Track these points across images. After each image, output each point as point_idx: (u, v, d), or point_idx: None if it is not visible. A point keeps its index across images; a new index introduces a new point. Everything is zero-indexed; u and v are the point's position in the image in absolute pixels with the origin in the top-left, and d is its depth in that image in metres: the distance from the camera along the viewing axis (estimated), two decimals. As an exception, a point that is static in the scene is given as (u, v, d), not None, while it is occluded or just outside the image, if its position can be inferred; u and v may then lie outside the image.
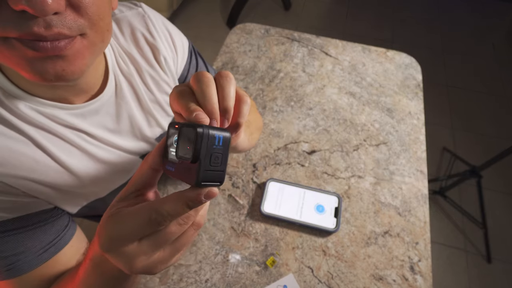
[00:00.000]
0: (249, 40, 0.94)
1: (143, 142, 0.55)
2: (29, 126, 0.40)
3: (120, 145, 0.50)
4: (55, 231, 0.45)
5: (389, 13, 2.43)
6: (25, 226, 0.42)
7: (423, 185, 0.69)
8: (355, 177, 0.70)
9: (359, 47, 0.94)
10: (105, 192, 0.52)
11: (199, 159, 0.25)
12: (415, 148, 0.75)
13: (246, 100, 0.32)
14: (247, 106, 0.32)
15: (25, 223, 0.42)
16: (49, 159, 0.42)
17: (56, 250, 0.45)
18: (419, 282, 0.58)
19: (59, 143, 0.43)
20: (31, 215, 0.42)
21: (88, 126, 0.45)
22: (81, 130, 0.45)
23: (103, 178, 0.50)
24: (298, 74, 0.87)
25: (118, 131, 0.50)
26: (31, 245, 0.42)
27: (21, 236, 0.41)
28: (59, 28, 0.29)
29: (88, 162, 0.47)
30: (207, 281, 0.57)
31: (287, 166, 0.71)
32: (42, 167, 0.42)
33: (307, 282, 0.58)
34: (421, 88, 0.86)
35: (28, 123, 0.40)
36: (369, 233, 0.63)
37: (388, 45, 2.20)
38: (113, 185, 0.53)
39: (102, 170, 0.49)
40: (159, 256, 0.27)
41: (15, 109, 0.38)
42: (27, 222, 0.42)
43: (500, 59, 2.17)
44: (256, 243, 0.61)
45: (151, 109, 0.54)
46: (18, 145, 0.39)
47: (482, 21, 2.41)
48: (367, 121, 0.79)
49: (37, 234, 0.43)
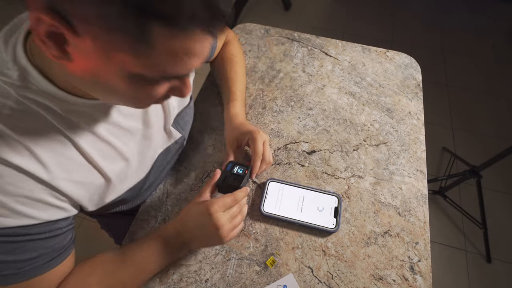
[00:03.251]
0: (249, 40, 0.94)
1: (165, 133, 0.60)
2: (71, 128, 0.42)
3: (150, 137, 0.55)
4: (65, 242, 0.46)
5: (389, 13, 2.43)
6: (46, 232, 0.42)
7: (423, 185, 0.70)
8: (355, 177, 0.70)
9: (359, 47, 0.94)
10: (123, 190, 0.54)
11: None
12: (415, 148, 0.75)
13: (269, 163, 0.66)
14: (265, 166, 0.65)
15: (47, 229, 0.42)
16: (83, 158, 0.44)
17: (61, 259, 0.45)
18: (419, 282, 0.58)
19: (96, 143, 0.45)
20: (54, 222, 0.43)
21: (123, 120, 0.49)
22: (118, 125, 0.48)
23: (127, 176, 0.53)
24: (298, 74, 0.87)
25: (148, 123, 0.54)
26: (43, 252, 0.42)
27: (40, 242, 0.42)
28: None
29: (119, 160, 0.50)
30: (207, 281, 0.57)
31: (287, 166, 0.71)
32: (80, 168, 0.44)
33: (307, 282, 0.58)
34: (421, 88, 0.86)
35: (70, 125, 0.41)
36: (369, 233, 0.63)
37: (388, 45, 2.20)
38: (131, 182, 0.55)
39: (128, 169, 0.52)
40: (232, 223, 0.52)
41: (60, 112, 0.40)
42: (50, 228, 0.42)
43: (500, 59, 2.17)
44: (256, 243, 0.61)
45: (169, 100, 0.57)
46: (62, 148, 0.41)
47: (482, 21, 2.41)
48: (367, 121, 0.79)
49: (51, 242, 0.43)
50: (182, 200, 0.66)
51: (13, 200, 0.37)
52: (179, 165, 0.71)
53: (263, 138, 0.64)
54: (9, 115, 0.37)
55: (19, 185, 0.37)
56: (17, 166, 0.37)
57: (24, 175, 0.38)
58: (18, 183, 0.37)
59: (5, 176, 0.36)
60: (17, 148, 0.37)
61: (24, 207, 0.38)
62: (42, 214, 0.40)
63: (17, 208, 0.38)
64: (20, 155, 0.37)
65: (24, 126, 0.38)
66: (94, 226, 0.84)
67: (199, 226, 0.52)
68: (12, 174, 0.37)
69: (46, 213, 0.41)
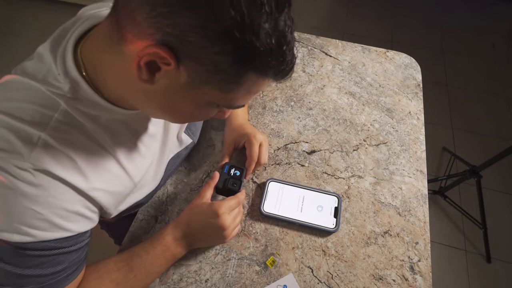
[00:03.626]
0: (249, 40, 0.94)
1: (177, 140, 0.61)
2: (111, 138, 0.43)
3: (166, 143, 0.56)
4: (83, 255, 0.46)
5: (389, 13, 2.43)
6: (73, 245, 0.42)
7: (423, 185, 0.70)
8: (355, 177, 0.70)
9: (359, 47, 0.94)
10: (143, 195, 0.56)
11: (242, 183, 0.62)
12: (415, 148, 0.75)
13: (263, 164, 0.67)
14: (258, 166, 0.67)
15: (75, 241, 0.42)
16: (118, 168, 0.45)
17: (78, 273, 0.45)
18: (418, 282, 0.58)
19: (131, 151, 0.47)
20: (82, 234, 0.43)
21: (152, 126, 0.50)
22: (147, 133, 0.49)
23: (148, 182, 0.55)
24: (298, 74, 0.87)
25: (167, 130, 0.55)
26: (67, 265, 0.42)
27: (66, 256, 0.42)
28: None
29: (145, 167, 0.51)
30: (207, 281, 0.57)
31: (287, 166, 0.71)
32: (113, 177, 0.45)
33: (307, 282, 0.58)
34: (421, 88, 0.86)
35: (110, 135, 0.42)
36: (369, 233, 0.63)
37: (388, 45, 2.20)
38: (150, 188, 0.57)
39: (150, 174, 0.54)
40: (234, 223, 0.56)
41: (102, 121, 0.41)
42: (77, 240, 0.43)
43: (500, 59, 2.17)
44: (256, 243, 0.61)
45: None
46: (101, 159, 0.42)
47: (482, 21, 2.41)
48: (367, 121, 0.79)
49: (75, 255, 0.43)
50: (182, 200, 0.66)
51: (52, 213, 0.37)
52: (179, 165, 0.71)
53: (259, 141, 0.65)
54: (55, 127, 0.37)
55: (60, 198, 0.38)
56: (61, 178, 0.37)
57: (66, 187, 0.38)
58: (60, 196, 0.38)
59: (49, 188, 0.37)
60: (61, 160, 0.37)
61: (61, 219, 0.38)
62: (75, 226, 0.41)
63: (55, 221, 0.38)
64: (64, 166, 0.38)
65: (68, 138, 0.38)
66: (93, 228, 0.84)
67: (207, 227, 0.54)
68: (57, 187, 0.37)
69: (78, 224, 0.41)
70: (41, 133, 0.36)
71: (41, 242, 0.38)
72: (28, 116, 0.36)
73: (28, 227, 0.36)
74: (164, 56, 0.30)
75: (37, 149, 0.36)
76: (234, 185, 0.60)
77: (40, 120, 0.37)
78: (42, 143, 0.36)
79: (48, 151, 0.36)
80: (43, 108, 0.37)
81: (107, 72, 0.38)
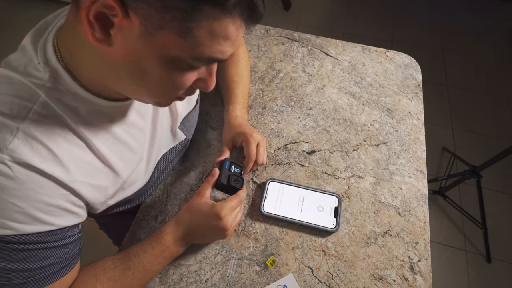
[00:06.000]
0: (249, 40, 0.94)
1: (171, 135, 0.61)
2: (91, 131, 0.42)
3: (156, 137, 0.55)
4: (74, 251, 0.46)
5: (389, 13, 2.43)
6: (59, 240, 0.42)
7: (423, 185, 0.69)
8: (355, 177, 0.70)
9: (359, 47, 0.94)
10: (133, 191, 0.55)
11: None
12: (415, 148, 0.75)
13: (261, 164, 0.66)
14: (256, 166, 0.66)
15: (61, 236, 0.42)
16: (100, 162, 0.44)
17: (69, 269, 0.45)
18: (419, 282, 0.58)
19: (115, 145, 0.46)
20: (67, 229, 0.43)
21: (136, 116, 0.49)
22: (134, 125, 0.49)
23: (137, 177, 0.54)
24: (298, 74, 0.87)
25: (155, 123, 0.54)
26: (54, 261, 0.42)
27: (52, 251, 0.41)
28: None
29: (134, 161, 0.51)
30: (207, 281, 0.57)
31: (287, 166, 0.71)
32: (95, 171, 0.44)
33: (307, 282, 0.58)
34: (421, 88, 0.86)
35: (91, 128, 0.42)
36: (369, 233, 0.63)
37: (388, 45, 2.20)
38: (140, 184, 0.56)
39: (140, 169, 0.53)
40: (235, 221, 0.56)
41: (83, 114, 0.41)
42: (63, 235, 0.42)
43: (500, 59, 2.17)
44: (256, 243, 0.61)
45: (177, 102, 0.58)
46: (81, 152, 0.42)
47: (482, 21, 2.41)
48: (367, 121, 0.79)
49: (63, 251, 0.43)
50: (182, 200, 0.66)
51: (32, 206, 0.37)
52: (179, 165, 0.71)
53: (256, 140, 0.64)
54: (34, 119, 0.37)
55: (39, 191, 0.37)
56: (40, 170, 0.37)
57: (45, 179, 0.38)
58: (39, 189, 0.37)
59: (27, 181, 0.36)
60: (40, 151, 0.37)
61: (41, 213, 0.38)
62: (58, 220, 0.40)
63: (35, 214, 0.38)
64: (43, 158, 0.37)
65: (47, 130, 0.38)
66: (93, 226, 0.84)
67: (208, 229, 0.54)
68: (33, 179, 0.37)
69: (62, 219, 0.41)
70: (19, 125, 0.36)
71: (23, 236, 0.38)
72: (7, 109, 0.36)
73: (8, 220, 0.36)
74: (110, 3, 0.29)
75: (14, 141, 0.36)
76: (236, 182, 0.59)
77: (18, 112, 0.37)
78: (20, 135, 0.36)
79: (26, 143, 0.36)
80: (22, 100, 0.37)
81: (79, 55, 0.38)
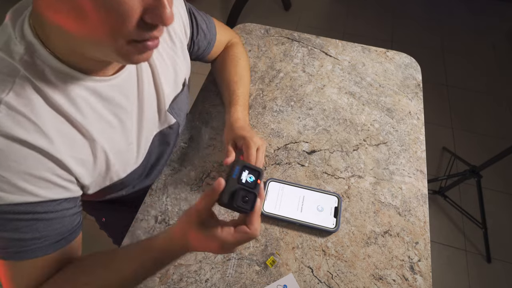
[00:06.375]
0: (249, 40, 0.94)
1: (159, 115, 0.60)
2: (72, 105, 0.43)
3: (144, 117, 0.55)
4: (72, 226, 0.46)
5: (389, 13, 2.43)
6: (51, 212, 0.42)
7: (423, 185, 0.70)
8: (355, 177, 0.70)
9: (359, 47, 0.94)
10: (125, 173, 0.55)
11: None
12: (415, 148, 0.75)
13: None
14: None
15: (52, 209, 0.43)
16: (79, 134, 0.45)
17: (67, 242, 0.46)
18: (419, 282, 0.58)
19: (98, 121, 0.46)
20: (58, 202, 0.43)
21: (119, 96, 0.49)
22: (118, 104, 0.49)
23: (127, 158, 0.54)
24: (298, 74, 0.87)
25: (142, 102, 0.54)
26: (48, 233, 0.43)
27: (44, 223, 0.42)
28: (162, 32, 0.39)
29: (119, 140, 0.51)
30: (207, 281, 0.57)
31: (287, 166, 0.71)
32: (81, 146, 0.45)
33: (307, 282, 0.58)
34: (421, 88, 0.86)
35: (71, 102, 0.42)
36: (369, 233, 0.63)
37: (388, 45, 2.20)
38: (132, 166, 0.56)
39: (127, 149, 0.53)
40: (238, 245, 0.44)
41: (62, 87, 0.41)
42: (54, 208, 0.43)
43: (500, 59, 2.17)
44: (256, 243, 0.61)
45: (162, 83, 0.57)
46: (63, 125, 0.42)
47: (482, 21, 2.41)
48: (367, 121, 0.79)
49: (57, 225, 0.44)
50: (182, 200, 0.66)
51: (16, 176, 0.38)
52: (179, 165, 0.71)
53: (256, 144, 0.63)
54: (16, 92, 0.38)
55: (22, 162, 0.38)
56: (23, 140, 0.38)
57: (29, 150, 0.38)
58: (23, 160, 0.38)
59: (10, 152, 0.37)
60: (22, 123, 0.38)
61: (27, 184, 0.39)
62: (45, 192, 0.41)
63: (20, 185, 0.38)
64: (26, 129, 0.38)
65: (29, 103, 0.39)
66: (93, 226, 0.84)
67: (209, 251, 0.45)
68: (16, 150, 0.38)
69: (50, 191, 0.42)
70: (1, 99, 0.37)
71: (12, 205, 0.39)
72: None
73: None
74: None
75: None
76: (245, 199, 0.41)
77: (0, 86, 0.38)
78: (2, 108, 0.37)
79: (9, 115, 0.37)
80: (4, 75, 0.38)
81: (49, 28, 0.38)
